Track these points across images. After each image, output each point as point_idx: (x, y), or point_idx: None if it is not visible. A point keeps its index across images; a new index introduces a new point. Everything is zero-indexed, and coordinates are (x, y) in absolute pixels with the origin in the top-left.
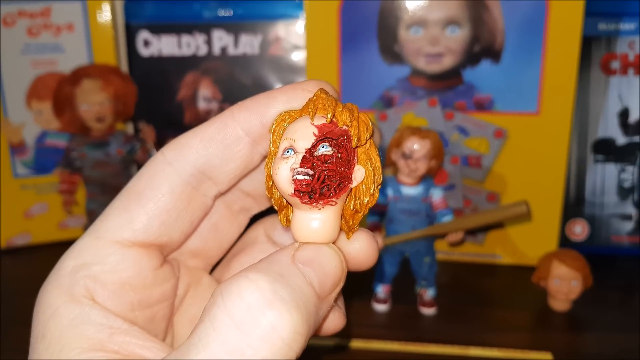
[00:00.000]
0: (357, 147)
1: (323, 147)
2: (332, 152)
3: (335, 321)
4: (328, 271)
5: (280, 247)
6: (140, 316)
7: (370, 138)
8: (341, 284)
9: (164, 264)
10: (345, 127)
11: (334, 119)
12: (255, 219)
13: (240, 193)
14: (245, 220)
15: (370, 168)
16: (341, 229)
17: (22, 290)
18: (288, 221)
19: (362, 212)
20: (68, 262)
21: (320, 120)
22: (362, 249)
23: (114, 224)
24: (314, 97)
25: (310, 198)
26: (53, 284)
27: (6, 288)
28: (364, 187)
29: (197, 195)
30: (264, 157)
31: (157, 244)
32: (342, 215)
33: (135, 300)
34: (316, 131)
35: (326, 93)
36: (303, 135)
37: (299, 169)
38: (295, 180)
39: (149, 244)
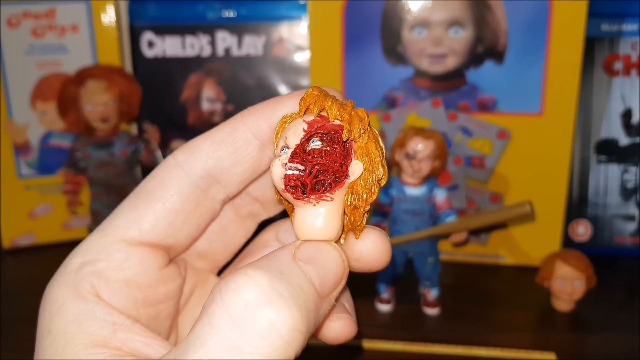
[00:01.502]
0: (348, 140)
1: (313, 141)
2: (321, 146)
3: (345, 328)
4: (329, 269)
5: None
6: (144, 314)
7: (365, 132)
8: (342, 283)
9: (170, 264)
10: (338, 122)
11: (323, 114)
12: (266, 224)
13: (248, 198)
14: (253, 226)
15: (368, 163)
16: (347, 228)
17: (26, 291)
18: None
19: (362, 208)
20: (75, 259)
21: (312, 117)
22: (373, 247)
23: (122, 222)
24: (305, 95)
25: (303, 194)
26: (59, 280)
27: (10, 288)
28: (362, 182)
29: (205, 199)
30: None
31: (163, 244)
32: (345, 212)
33: (140, 298)
34: (306, 127)
35: (319, 90)
36: (294, 132)
37: (289, 164)
38: (285, 176)
39: (155, 244)
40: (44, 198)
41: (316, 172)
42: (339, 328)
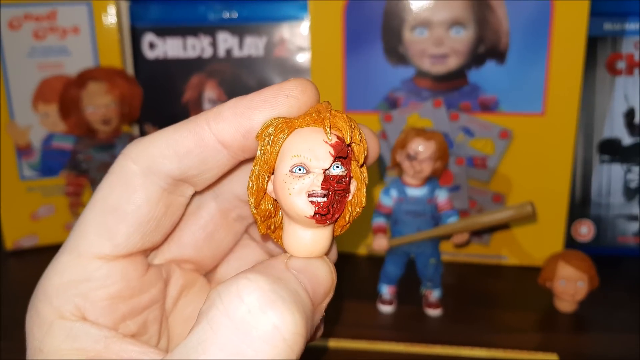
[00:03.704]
0: (363, 164)
1: (338, 167)
2: (345, 172)
3: None
4: (320, 279)
5: (260, 244)
6: (132, 325)
7: None
8: (331, 294)
9: (149, 269)
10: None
11: (338, 133)
12: None
13: (237, 201)
14: (241, 230)
15: (360, 181)
16: None
17: (29, 292)
18: (269, 229)
19: (349, 224)
20: (53, 280)
21: (332, 138)
22: None
23: (94, 239)
24: (327, 114)
25: (322, 217)
26: (43, 301)
27: (13, 290)
28: (355, 200)
29: (174, 198)
30: (242, 162)
31: (141, 251)
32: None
33: (126, 311)
34: (332, 151)
35: (329, 105)
36: (318, 154)
37: (320, 191)
38: (316, 203)
39: (132, 254)
40: (46, 200)
41: (334, 197)
42: None
